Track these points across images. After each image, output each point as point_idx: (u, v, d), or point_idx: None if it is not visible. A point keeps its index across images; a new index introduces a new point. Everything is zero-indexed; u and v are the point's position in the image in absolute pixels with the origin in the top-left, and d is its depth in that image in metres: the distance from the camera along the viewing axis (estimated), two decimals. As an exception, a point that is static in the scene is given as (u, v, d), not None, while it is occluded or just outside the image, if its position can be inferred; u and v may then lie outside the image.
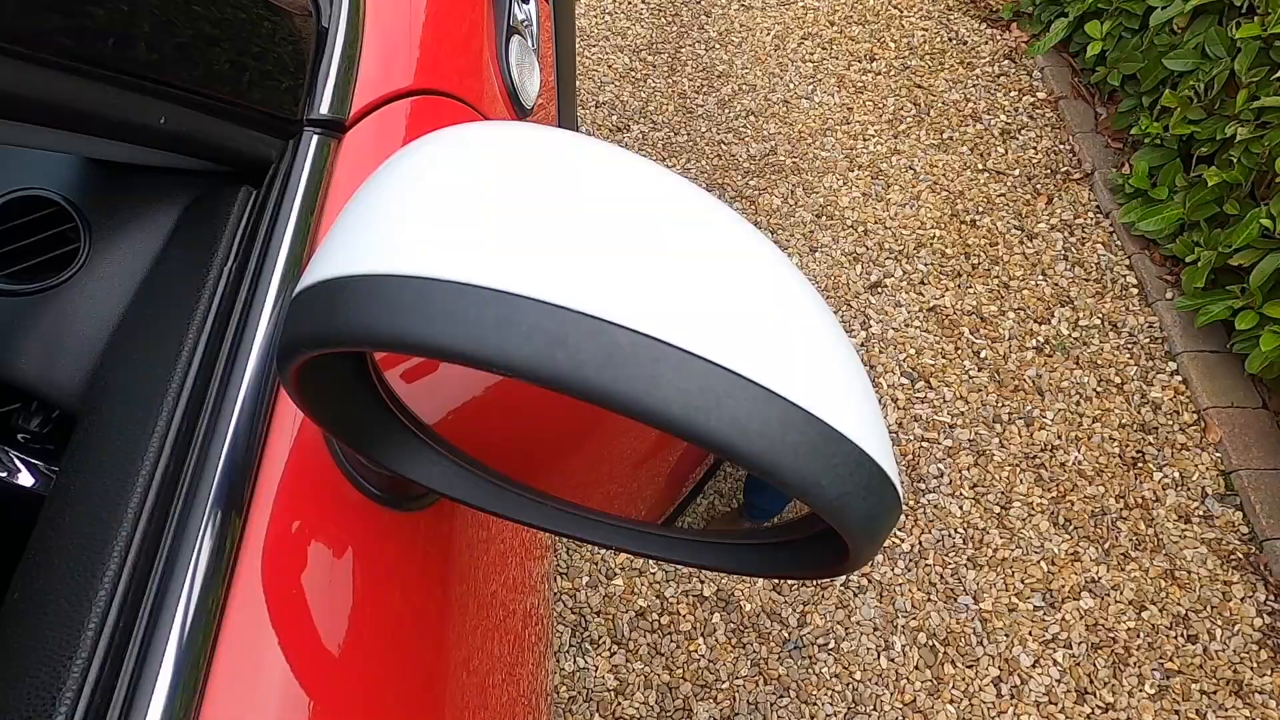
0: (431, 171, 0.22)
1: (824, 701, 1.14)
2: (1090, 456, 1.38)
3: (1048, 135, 1.84)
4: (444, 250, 0.20)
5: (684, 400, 0.19)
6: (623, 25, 2.07)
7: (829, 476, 0.21)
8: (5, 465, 0.39)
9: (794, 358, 0.22)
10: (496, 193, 0.21)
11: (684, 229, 0.22)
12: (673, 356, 0.19)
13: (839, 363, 0.23)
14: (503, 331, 0.18)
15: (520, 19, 0.67)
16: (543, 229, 0.20)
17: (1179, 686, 1.16)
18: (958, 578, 1.25)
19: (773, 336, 0.21)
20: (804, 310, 0.23)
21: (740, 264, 0.23)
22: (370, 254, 0.20)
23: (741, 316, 0.21)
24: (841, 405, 0.22)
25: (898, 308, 1.55)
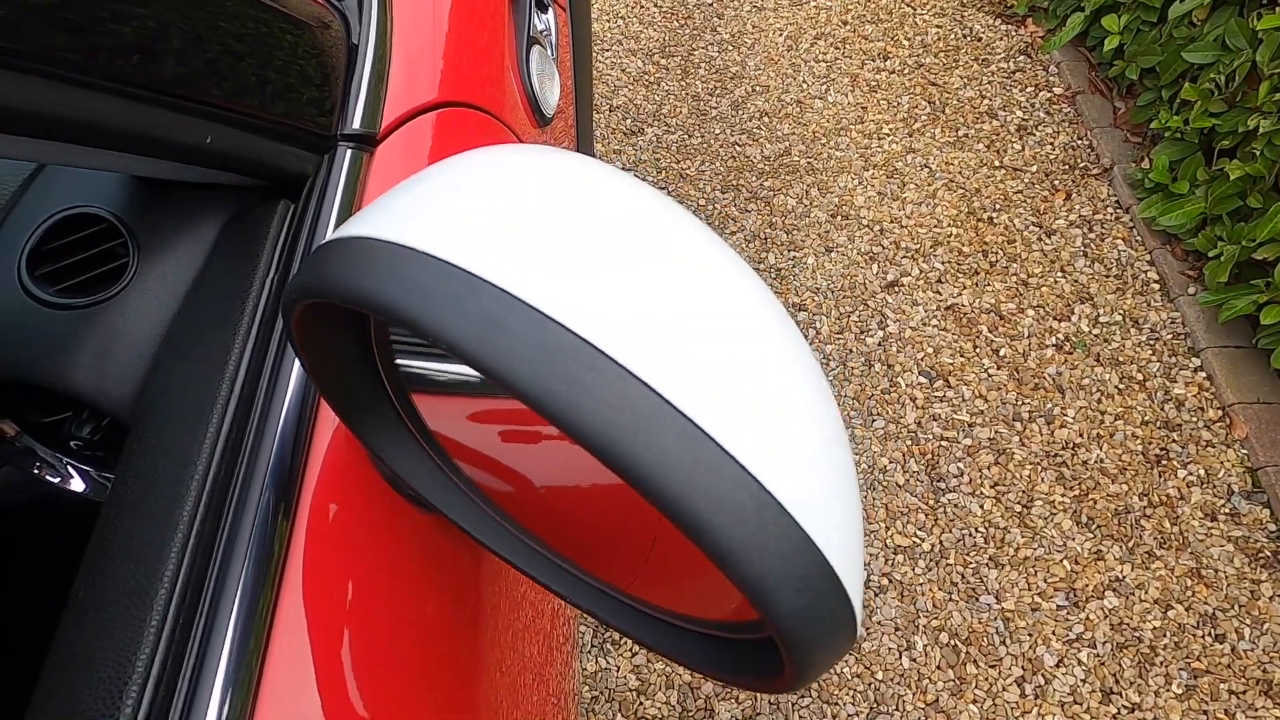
0: (438, 178, 0.23)
1: (845, 701, 1.14)
2: (1113, 454, 1.37)
3: (1065, 131, 1.82)
4: (419, 226, 0.21)
5: (610, 421, 0.18)
6: (635, 29, 2.08)
7: (784, 583, 0.18)
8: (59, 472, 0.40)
9: (769, 425, 0.20)
10: (494, 201, 0.22)
11: (669, 258, 0.21)
12: (615, 374, 0.18)
13: (827, 449, 0.21)
14: (451, 305, 0.19)
15: (540, 29, 0.68)
16: (528, 234, 0.21)
17: (1207, 686, 1.15)
18: (979, 577, 1.25)
19: (748, 396, 0.20)
20: (793, 373, 0.21)
21: (731, 310, 0.21)
22: (355, 225, 0.22)
23: (713, 364, 0.20)
24: (819, 504, 0.20)
25: (915, 306, 1.55)
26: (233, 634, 0.28)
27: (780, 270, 1.61)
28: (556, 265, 0.20)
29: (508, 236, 0.21)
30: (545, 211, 0.22)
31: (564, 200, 0.22)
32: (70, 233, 0.38)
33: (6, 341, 0.36)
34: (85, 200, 0.38)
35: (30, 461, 0.40)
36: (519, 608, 0.45)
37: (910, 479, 1.34)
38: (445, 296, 0.19)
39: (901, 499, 1.32)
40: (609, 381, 0.18)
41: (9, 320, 0.36)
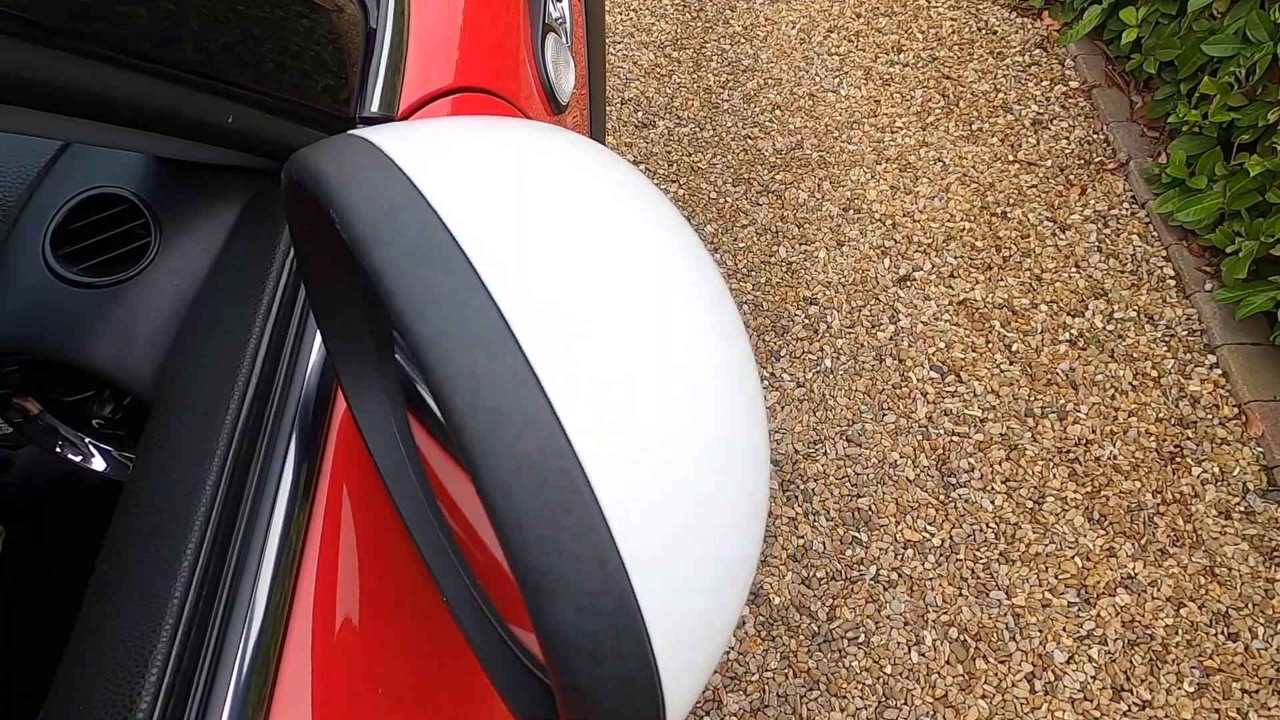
0: (457, 123, 0.23)
1: (854, 695, 1.14)
2: (1126, 451, 1.35)
3: (1081, 125, 1.81)
4: (400, 135, 0.21)
5: (474, 398, 0.16)
6: (648, 21, 2.07)
7: (583, 654, 0.16)
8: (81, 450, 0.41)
9: (654, 467, 0.17)
10: (493, 155, 0.21)
11: (629, 263, 0.19)
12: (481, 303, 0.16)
13: (720, 511, 0.18)
14: (366, 188, 0.18)
15: (555, 17, 0.68)
16: (502, 186, 0.20)
17: (1219, 685, 1.14)
18: (990, 573, 1.24)
19: (649, 426, 0.17)
20: (713, 425, 0.19)
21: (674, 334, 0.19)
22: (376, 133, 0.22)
23: (623, 371, 0.17)
24: (672, 576, 0.17)
25: (927, 301, 1.54)
26: (254, 609, 0.28)
27: (791, 264, 1.60)
28: (500, 218, 0.19)
29: (476, 179, 0.20)
30: (519, 177, 0.21)
31: (543, 174, 0.21)
32: (93, 213, 0.38)
33: (30, 319, 0.36)
34: (108, 181, 0.39)
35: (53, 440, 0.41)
36: None
37: (921, 474, 1.34)
38: (369, 179, 0.18)
39: (912, 494, 1.32)
40: (478, 312, 0.17)
41: (33, 298, 0.36)
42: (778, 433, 1.38)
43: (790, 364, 1.47)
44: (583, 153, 0.23)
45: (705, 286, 0.21)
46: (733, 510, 0.19)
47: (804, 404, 1.42)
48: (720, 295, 0.21)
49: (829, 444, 1.37)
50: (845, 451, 1.36)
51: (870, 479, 1.33)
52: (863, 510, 1.30)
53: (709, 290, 0.21)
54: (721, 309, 0.21)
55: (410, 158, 0.19)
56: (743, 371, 0.20)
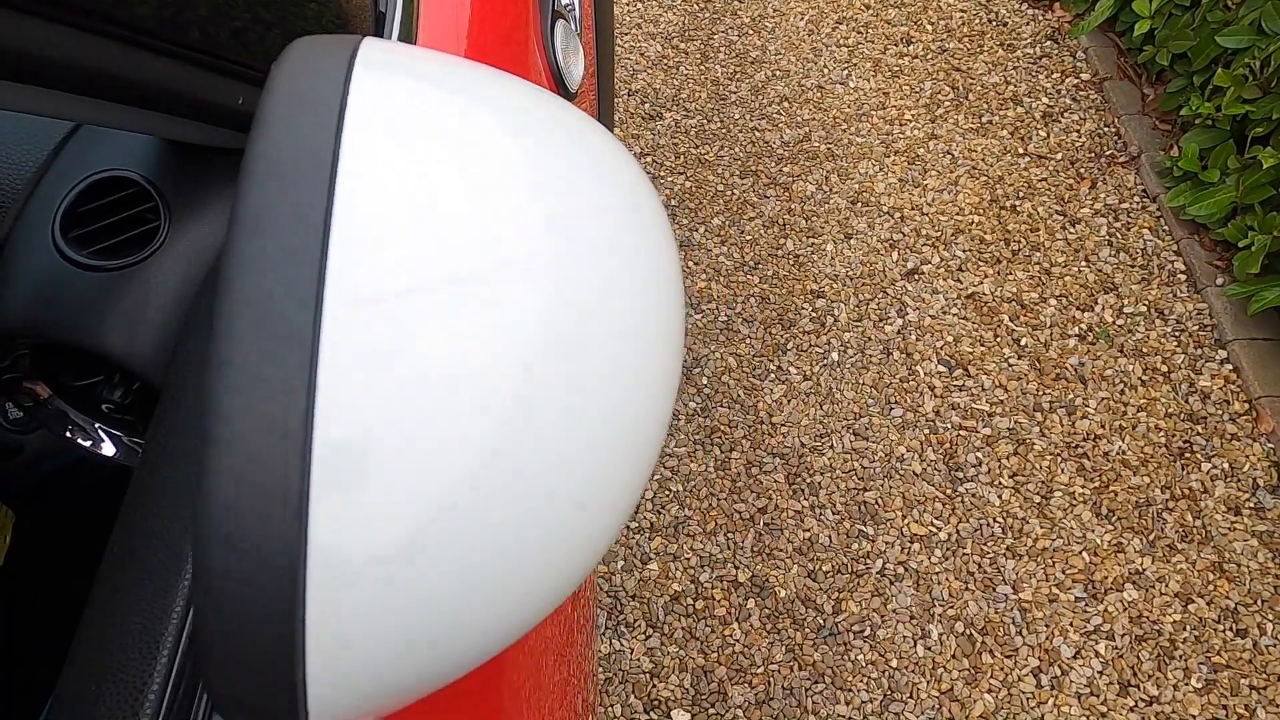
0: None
1: (859, 688, 1.14)
2: (1135, 446, 1.35)
3: (1092, 118, 1.79)
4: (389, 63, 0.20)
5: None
6: (655, 13, 2.06)
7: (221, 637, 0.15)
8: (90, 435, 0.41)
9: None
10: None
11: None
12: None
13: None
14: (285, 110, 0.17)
15: (564, 4, 0.68)
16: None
17: (1227, 681, 1.13)
18: (996, 567, 1.24)
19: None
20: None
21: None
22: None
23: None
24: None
25: (935, 295, 1.53)
26: None
27: (799, 257, 1.60)
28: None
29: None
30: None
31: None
32: (103, 196, 0.38)
33: (40, 302, 0.36)
34: (118, 164, 0.38)
35: (63, 425, 0.41)
36: None
37: (928, 468, 1.33)
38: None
39: (918, 488, 1.31)
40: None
41: (43, 281, 0.36)
42: (784, 426, 1.38)
43: (797, 357, 1.46)
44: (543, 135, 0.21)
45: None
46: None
47: (811, 397, 1.41)
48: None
49: (836, 437, 1.37)
50: (852, 445, 1.36)
51: (877, 473, 1.33)
52: (869, 504, 1.30)
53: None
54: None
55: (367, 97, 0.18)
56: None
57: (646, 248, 0.22)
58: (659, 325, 0.21)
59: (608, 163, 0.22)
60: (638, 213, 0.22)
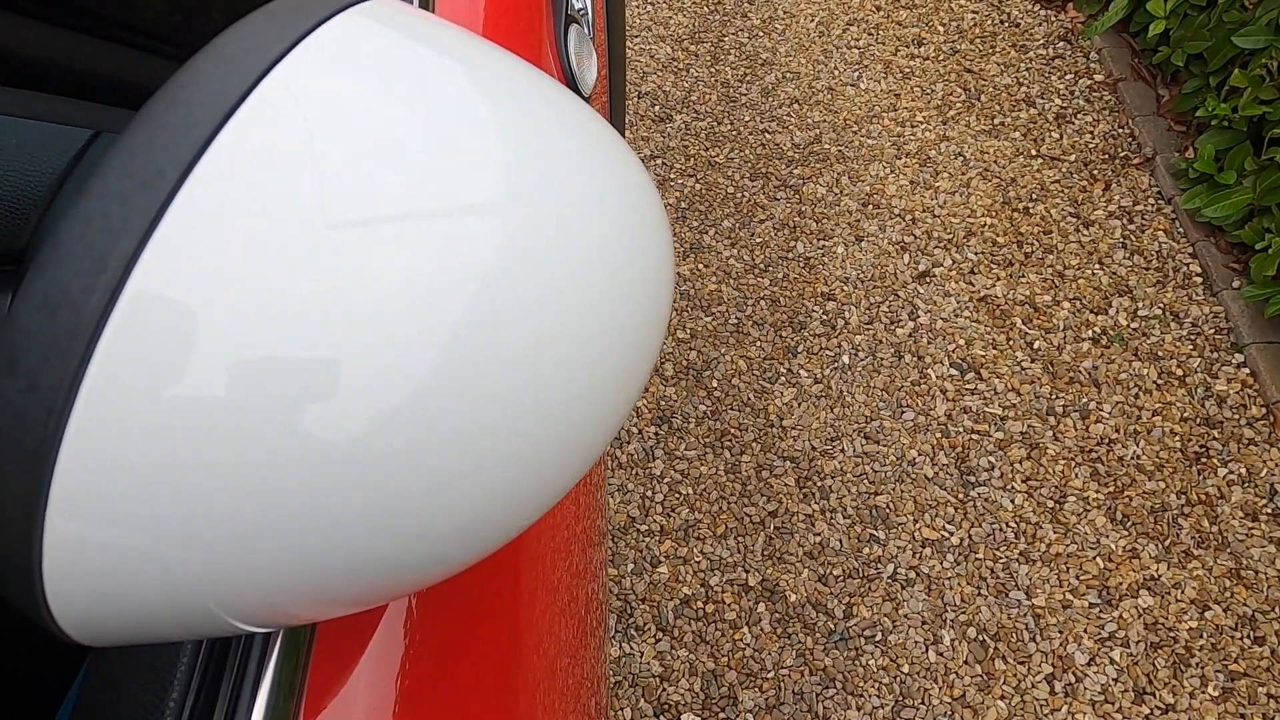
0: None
1: (871, 694, 1.13)
2: (1150, 451, 1.33)
3: (1106, 119, 1.77)
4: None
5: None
6: (665, 15, 2.06)
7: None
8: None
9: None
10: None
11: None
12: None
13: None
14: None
15: (577, 8, 0.68)
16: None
17: (1244, 689, 1.12)
18: (1009, 572, 1.23)
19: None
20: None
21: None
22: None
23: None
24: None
25: (947, 297, 1.52)
26: None
27: (809, 259, 1.59)
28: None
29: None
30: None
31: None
32: None
33: None
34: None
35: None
36: (555, 593, 0.45)
37: (940, 472, 1.32)
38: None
39: (930, 492, 1.31)
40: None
41: None
42: (795, 429, 1.38)
43: (808, 360, 1.46)
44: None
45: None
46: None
47: (821, 401, 1.41)
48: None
49: (847, 441, 1.36)
50: (863, 449, 1.35)
51: (888, 476, 1.32)
52: (881, 508, 1.29)
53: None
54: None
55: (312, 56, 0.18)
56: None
57: (627, 206, 0.22)
58: (632, 279, 0.21)
59: (590, 133, 0.22)
60: (619, 174, 0.22)
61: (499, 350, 0.18)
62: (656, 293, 0.23)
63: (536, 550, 0.43)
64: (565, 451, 0.20)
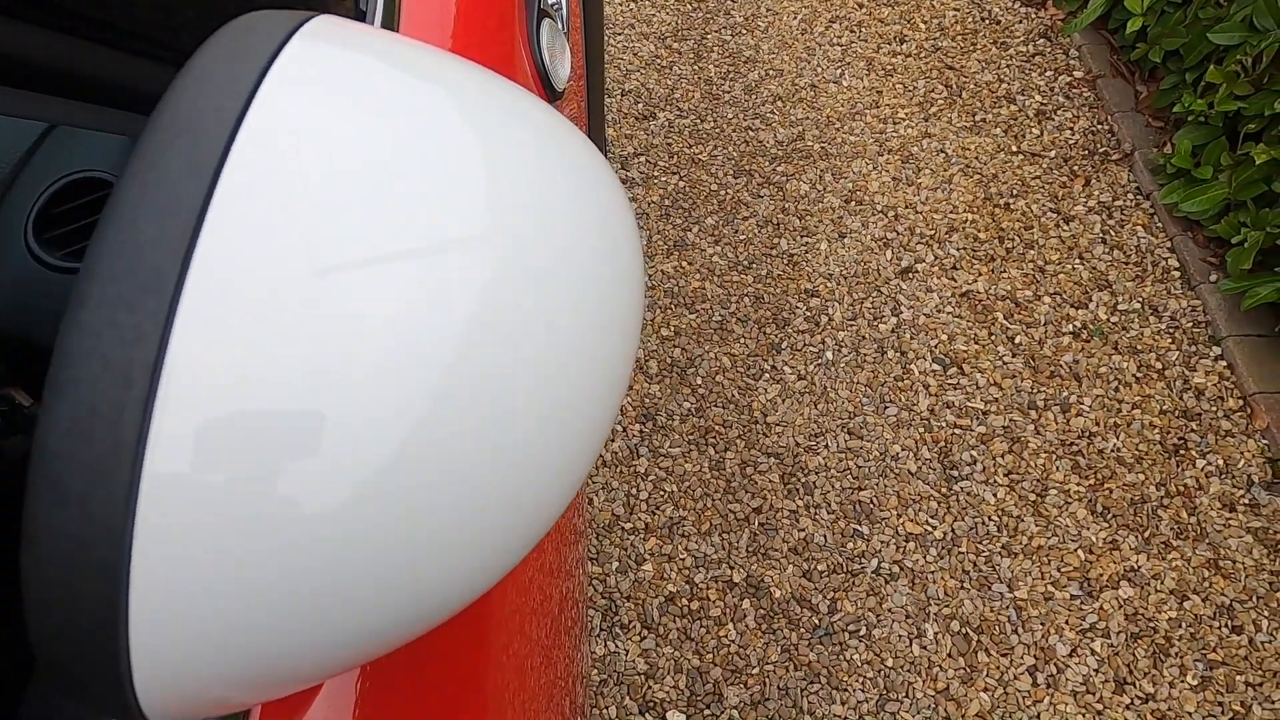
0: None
1: (855, 688, 1.14)
2: (1129, 443, 1.35)
3: (1085, 115, 1.79)
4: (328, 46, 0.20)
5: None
6: (648, 12, 2.06)
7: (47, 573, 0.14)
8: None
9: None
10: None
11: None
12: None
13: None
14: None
15: (550, 3, 0.67)
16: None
17: (1223, 678, 1.13)
18: (992, 565, 1.23)
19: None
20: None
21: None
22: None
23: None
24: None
25: (929, 293, 1.53)
26: None
27: (793, 256, 1.59)
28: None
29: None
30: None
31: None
32: (77, 197, 0.37)
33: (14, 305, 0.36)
34: (92, 165, 0.38)
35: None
36: (526, 592, 0.45)
37: (922, 466, 1.33)
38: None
39: (913, 486, 1.31)
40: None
41: (16, 283, 0.36)
42: (779, 426, 1.38)
43: (791, 356, 1.46)
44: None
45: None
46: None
47: (805, 396, 1.41)
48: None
49: (830, 436, 1.36)
50: (847, 444, 1.36)
51: (872, 471, 1.33)
52: (864, 503, 1.30)
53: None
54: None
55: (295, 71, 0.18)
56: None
57: (598, 226, 0.21)
58: (609, 301, 0.21)
59: (560, 144, 0.22)
60: (591, 193, 0.22)
61: (486, 386, 0.18)
62: (632, 309, 0.23)
63: None
64: (551, 480, 0.20)
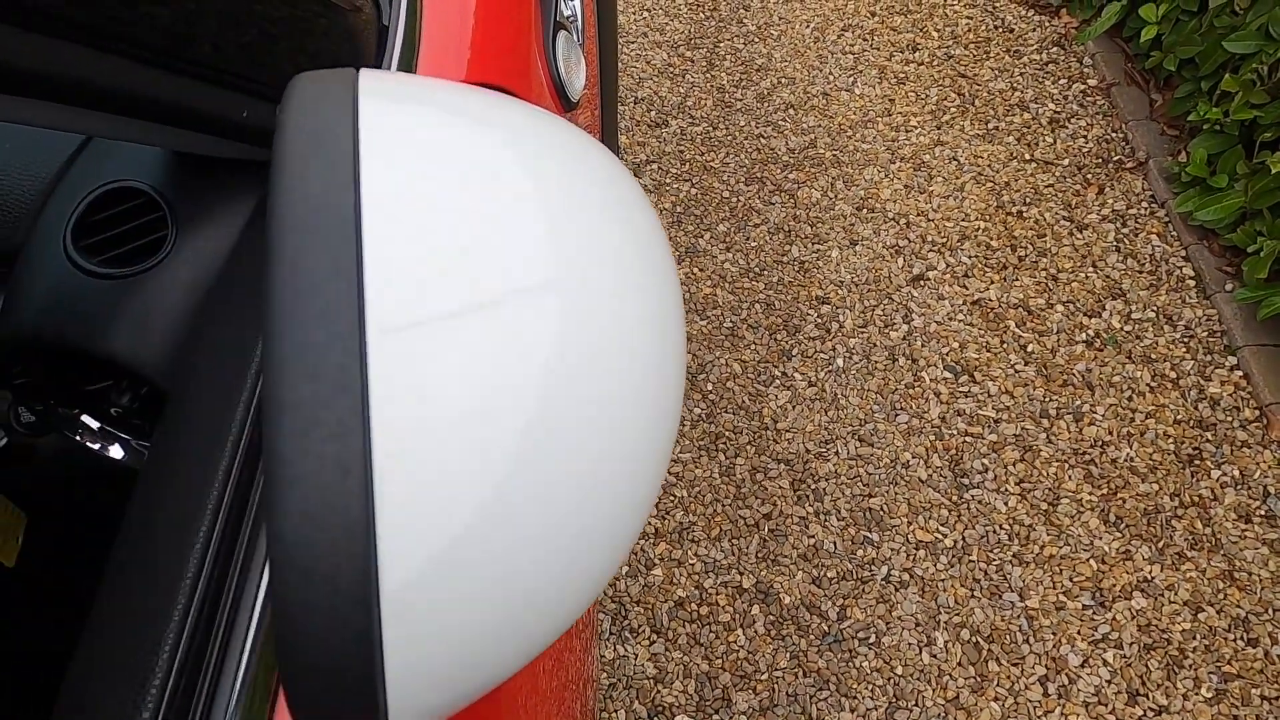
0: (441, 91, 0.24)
1: (864, 695, 1.13)
2: (1143, 453, 1.34)
3: (1099, 124, 1.78)
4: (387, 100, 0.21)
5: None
6: (661, 21, 2.08)
7: (302, 662, 0.16)
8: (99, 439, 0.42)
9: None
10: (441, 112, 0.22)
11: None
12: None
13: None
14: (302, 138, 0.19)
15: (566, 14, 0.69)
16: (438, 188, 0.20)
17: (1238, 691, 1.12)
18: (1003, 574, 1.23)
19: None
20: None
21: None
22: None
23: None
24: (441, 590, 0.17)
25: (941, 301, 1.53)
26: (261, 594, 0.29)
27: (804, 263, 1.60)
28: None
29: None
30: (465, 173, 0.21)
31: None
32: (113, 206, 0.39)
33: (53, 309, 0.37)
34: (127, 175, 0.39)
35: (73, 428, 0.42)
36: None
37: (933, 474, 1.33)
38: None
39: (924, 494, 1.31)
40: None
41: (54, 288, 0.37)
42: (789, 432, 1.38)
43: (802, 363, 1.46)
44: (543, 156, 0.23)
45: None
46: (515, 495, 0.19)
47: (816, 403, 1.41)
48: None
49: (841, 443, 1.37)
50: (857, 451, 1.36)
51: (882, 479, 1.33)
52: (874, 510, 1.30)
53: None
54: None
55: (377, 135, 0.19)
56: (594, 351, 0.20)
57: (647, 259, 0.23)
58: (662, 329, 0.23)
59: (607, 180, 0.23)
60: (635, 226, 0.23)
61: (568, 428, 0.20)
62: (679, 346, 0.24)
63: None
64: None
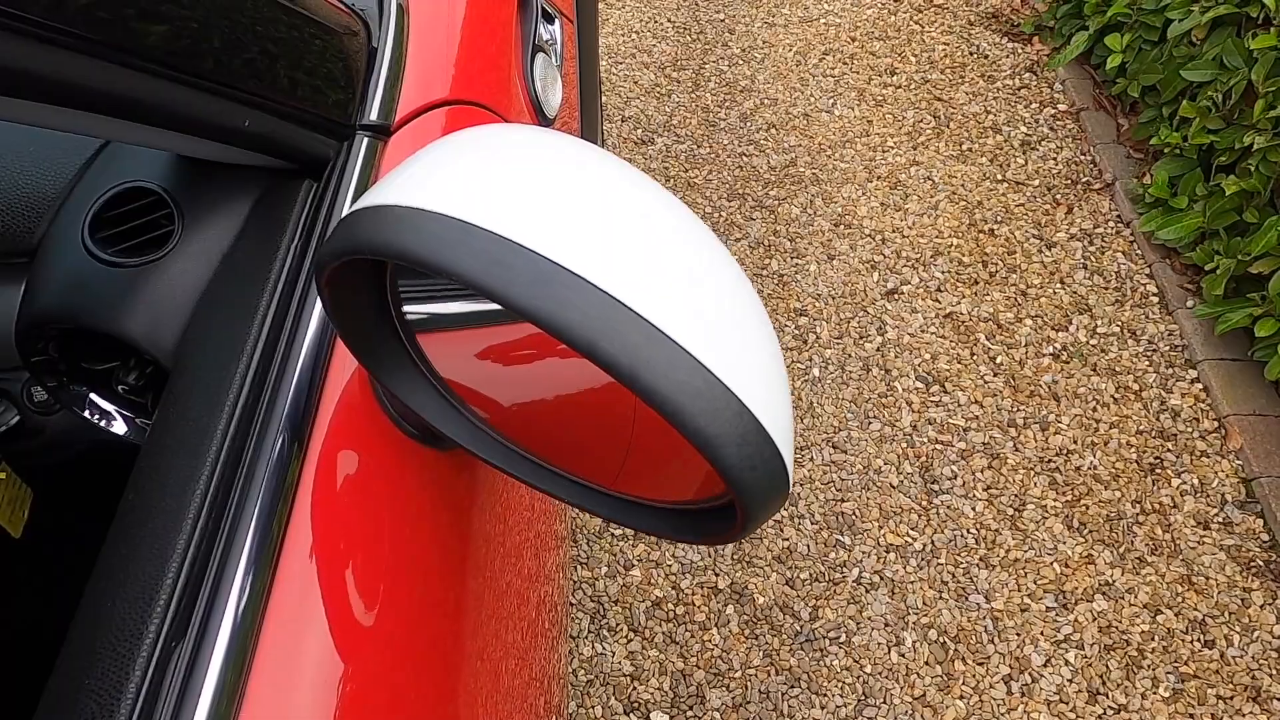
0: (442, 150, 0.29)
1: (834, 693, 1.17)
2: (1106, 462, 1.39)
3: (1068, 146, 1.86)
4: (430, 192, 0.26)
5: (586, 323, 0.23)
6: (649, 43, 2.15)
7: (728, 440, 0.25)
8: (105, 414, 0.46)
9: (715, 327, 0.26)
10: (487, 167, 0.28)
11: (626, 209, 0.27)
12: (585, 289, 0.24)
13: (758, 343, 0.28)
14: (457, 248, 0.25)
15: (545, 38, 0.74)
16: (514, 192, 0.26)
17: (1194, 690, 1.16)
18: (970, 577, 1.27)
19: (698, 305, 0.26)
20: (732, 290, 0.28)
21: (677, 239, 0.27)
22: (374, 196, 0.28)
23: (666, 280, 0.26)
24: (752, 382, 0.26)
25: (914, 314, 1.58)
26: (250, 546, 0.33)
27: (783, 276, 1.65)
28: (535, 212, 0.26)
29: (496, 192, 0.26)
30: (521, 171, 0.27)
31: (534, 161, 0.28)
32: (126, 203, 0.44)
33: (71, 292, 0.42)
34: (140, 176, 0.44)
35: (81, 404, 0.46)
36: (503, 598, 0.48)
37: (904, 480, 1.37)
38: (454, 242, 0.25)
39: (895, 499, 1.35)
40: (588, 298, 0.24)
41: (73, 274, 0.42)
42: (766, 438, 1.42)
43: (780, 372, 1.51)
44: (572, 149, 0.29)
45: (691, 220, 0.30)
46: (772, 345, 0.29)
47: (792, 412, 1.46)
48: (694, 221, 0.30)
49: (816, 450, 1.41)
50: (831, 458, 1.40)
51: (855, 484, 1.37)
52: (847, 514, 1.34)
53: (692, 221, 0.30)
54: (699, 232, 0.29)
55: (471, 210, 0.26)
56: (724, 263, 0.29)
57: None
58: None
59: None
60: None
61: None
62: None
63: (483, 557, 0.45)
64: None
